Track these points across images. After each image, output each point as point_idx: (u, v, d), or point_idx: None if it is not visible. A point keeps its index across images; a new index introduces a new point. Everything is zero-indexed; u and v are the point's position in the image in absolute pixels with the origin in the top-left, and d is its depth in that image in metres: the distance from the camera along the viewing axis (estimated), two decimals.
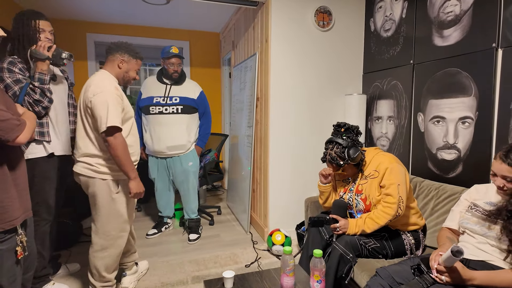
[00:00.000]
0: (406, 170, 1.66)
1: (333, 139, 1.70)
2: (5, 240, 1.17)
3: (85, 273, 2.12)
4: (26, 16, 1.68)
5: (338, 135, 1.72)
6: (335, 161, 1.67)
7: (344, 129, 1.73)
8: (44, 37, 1.72)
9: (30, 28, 1.67)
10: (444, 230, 1.50)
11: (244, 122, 3.05)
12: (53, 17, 3.67)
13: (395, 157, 1.71)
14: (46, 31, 1.74)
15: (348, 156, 1.64)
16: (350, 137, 1.69)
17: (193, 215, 2.82)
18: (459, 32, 1.87)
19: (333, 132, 1.77)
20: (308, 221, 1.69)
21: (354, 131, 1.72)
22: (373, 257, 1.61)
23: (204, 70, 4.36)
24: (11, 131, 1.15)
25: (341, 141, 1.66)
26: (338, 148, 1.67)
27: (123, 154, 1.59)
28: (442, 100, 1.99)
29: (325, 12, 2.58)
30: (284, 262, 1.31)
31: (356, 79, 2.77)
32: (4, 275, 1.16)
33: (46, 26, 1.74)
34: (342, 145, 1.66)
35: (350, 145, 1.66)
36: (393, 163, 1.62)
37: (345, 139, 1.67)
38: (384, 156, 1.69)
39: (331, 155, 1.68)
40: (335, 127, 1.76)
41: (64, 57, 1.74)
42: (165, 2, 3.22)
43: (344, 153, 1.65)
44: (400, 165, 1.64)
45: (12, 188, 1.21)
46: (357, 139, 1.71)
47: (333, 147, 1.68)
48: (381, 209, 1.57)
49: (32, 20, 1.69)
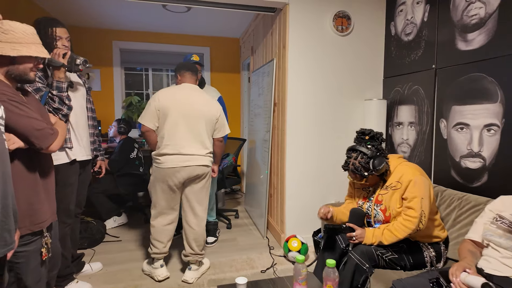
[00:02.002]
0: (430, 183, 1.59)
1: (357, 147, 1.62)
2: (32, 242, 1.24)
3: (107, 272, 2.21)
4: (43, 24, 1.69)
5: (362, 143, 1.63)
6: (359, 171, 1.59)
7: (368, 137, 1.64)
8: (61, 44, 1.72)
9: (47, 36, 1.68)
10: (466, 242, 1.44)
11: (261, 127, 3.07)
12: (81, 25, 3.87)
13: (419, 167, 1.63)
14: (63, 38, 1.74)
15: (373, 167, 1.56)
16: (374, 145, 1.61)
17: (210, 218, 2.86)
18: (484, 35, 1.80)
19: (356, 139, 1.69)
20: (324, 229, 1.67)
21: (379, 139, 1.64)
22: (390, 268, 1.56)
23: (224, 75, 4.43)
24: (45, 140, 1.23)
25: (365, 150, 1.58)
26: (362, 158, 1.58)
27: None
28: (466, 106, 1.91)
29: (343, 16, 2.55)
30: (297, 270, 1.31)
31: (376, 84, 2.71)
32: (29, 275, 1.23)
33: (62, 33, 1.74)
34: (367, 155, 1.57)
35: (375, 155, 1.57)
36: (417, 175, 1.55)
37: (370, 148, 1.59)
38: (407, 167, 1.61)
39: (354, 164, 1.60)
40: (359, 134, 1.68)
41: (78, 63, 1.73)
42: (186, 10, 3.31)
43: (368, 163, 1.57)
44: (424, 177, 1.56)
45: (42, 192, 1.29)
46: (382, 147, 1.62)
47: (356, 156, 1.60)
48: (401, 222, 1.52)
49: (49, 28, 1.69)
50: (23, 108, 1.18)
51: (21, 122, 1.16)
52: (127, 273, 2.22)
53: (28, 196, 1.22)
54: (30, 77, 1.23)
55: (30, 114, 1.20)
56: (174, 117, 1.99)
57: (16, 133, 1.17)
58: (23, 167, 1.21)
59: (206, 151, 2.08)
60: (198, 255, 2.14)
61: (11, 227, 0.92)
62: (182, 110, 2.00)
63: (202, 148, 2.06)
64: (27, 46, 1.17)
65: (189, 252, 2.13)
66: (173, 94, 2.02)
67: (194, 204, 2.10)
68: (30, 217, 1.23)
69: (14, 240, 0.95)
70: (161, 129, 2.01)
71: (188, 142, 2.01)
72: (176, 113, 1.99)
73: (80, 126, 1.87)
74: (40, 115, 1.28)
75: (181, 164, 1.99)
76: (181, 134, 2.00)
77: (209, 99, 2.11)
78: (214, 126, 2.13)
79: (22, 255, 1.21)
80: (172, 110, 1.98)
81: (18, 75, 1.20)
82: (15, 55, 1.14)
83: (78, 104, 1.86)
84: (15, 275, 1.20)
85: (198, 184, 2.09)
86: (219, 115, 2.14)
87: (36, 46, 1.20)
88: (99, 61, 4.00)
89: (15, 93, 1.19)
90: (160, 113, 2.00)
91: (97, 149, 2.10)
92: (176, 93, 2.03)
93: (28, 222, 1.22)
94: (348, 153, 1.66)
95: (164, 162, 1.99)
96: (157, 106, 2.00)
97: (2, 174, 0.89)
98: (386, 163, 1.61)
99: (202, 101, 2.06)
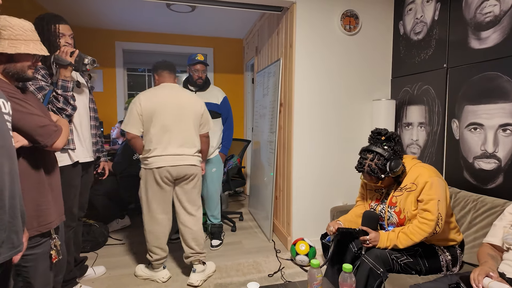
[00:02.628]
0: (446, 184, 1.54)
1: (373, 148, 1.55)
2: (41, 244, 1.20)
3: (111, 276, 2.15)
4: (46, 20, 1.64)
5: (378, 143, 1.57)
6: (375, 173, 1.53)
7: (385, 137, 1.59)
8: (64, 41, 1.68)
9: (50, 33, 1.63)
10: (485, 246, 1.39)
11: (266, 127, 3.02)
12: (84, 26, 3.83)
13: (435, 169, 1.57)
14: (66, 35, 1.69)
15: (390, 169, 1.50)
16: (391, 146, 1.55)
17: (215, 220, 2.81)
18: (499, 33, 1.75)
19: (371, 139, 1.63)
20: (336, 232, 1.61)
21: (395, 140, 1.58)
22: (405, 273, 1.51)
23: (227, 76, 4.40)
24: (49, 137, 1.19)
25: (382, 152, 1.52)
26: (379, 159, 1.52)
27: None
28: (480, 106, 1.86)
29: (351, 15, 2.52)
30: (312, 275, 1.26)
31: (385, 84, 2.67)
32: (38, 278, 1.18)
33: (66, 30, 1.69)
34: (384, 157, 1.52)
35: (392, 156, 1.52)
36: (433, 177, 1.49)
37: (386, 149, 1.54)
38: (423, 168, 1.55)
39: (370, 166, 1.54)
40: (374, 134, 1.62)
41: (86, 62, 1.68)
42: (190, 10, 3.27)
43: (385, 165, 1.51)
44: (440, 179, 1.51)
45: (48, 193, 1.24)
46: (398, 149, 1.57)
47: (373, 157, 1.54)
48: (417, 225, 1.47)
49: (52, 24, 1.64)
50: (25, 105, 1.13)
51: (24, 120, 1.12)
52: (131, 277, 2.17)
53: (35, 196, 1.18)
54: (28, 75, 1.19)
55: (33, 111, 1.15)
56: (161, 119, 1.96)
57: (19, 131, 1.12)
58: (28, 166, 1.17)
59: (194, 150, 2.07)
60: (200, 254, 2.10)
61: (18, 228, 0.87)
62: (169, 111, 1.97)
63: (191, 147, 2.05)
64: (26, 43, 1.12)
65: (190, 253, 2.09)
66: (155, 96, 1.98)
67: (186, 205, 2.08)
68: (38, 218, 1.18)
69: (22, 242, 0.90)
70: (147, 132, 1.99)
71: (177, 142, 2.00)
72: (163, 115, 1.96)
73: (84, 127, 1.82)
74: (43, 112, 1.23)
75: (171, 163, 1.98)
76: (170, 135, 1.98)
77: (192, 95, 2.09)
78: (200, 122, 2.12)
79: (30, 258, 1.16)
80: (158, 113, 1.95)
81: (15, 73, 1.15)
82: (13, 52, 1.09)
83: (82, 104, 1.82)
84: (23, 279, 1.16)
85: (189, 185, 2.07)
86: (204, 110, 2.14)
87: (34, 43, 1.15)
88: (102, 61, 3.96)
89: (15, 90, 1.15)
90: (143, 118, 1.97)
91: (100, 150, 2.04)
92: (158, 94, 1.99)
93: (36, 223, 1.17)
94: (363, 154, 1.59)
95: (153, 162, 1.97)
96: (139, 111, 1.96)
97: (10, 172, 0.85)
98: (402, 164, 1.56)
99: (187, 99, 2.05)
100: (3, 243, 0.82)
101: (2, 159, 0.82)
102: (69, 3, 3.10)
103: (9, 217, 0.83)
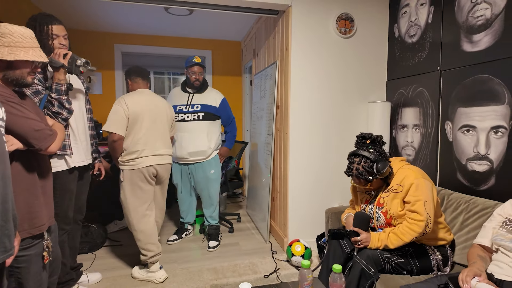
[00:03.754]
0: (433, 185, 1.57)
1: (359, 152, 1.60)
2: (33, 245, 1.22)
3: (108, 277, 2.17)
4: (38, 21, 1.58)
5: (364, 147, 1.62)
6: (363, 176, 1.57)
7: (369, 141, 1.63)
8: (58, 43, 1.63)
9: (42, 34, 1.57)
10: (475, 247, 1.41)
11: (264, 129, 3.04)
12: (83, 28, 3.87)
13: (421, 170, 1.61)
14: (60, 36, 1.64)
15: (377, 170, 1.54)
16: (376, 149, 1.59)
17: (213, 222, 2.83)
18: (490, 37, 1.78)
19: (357, 143, 1.67)
20: (328, 233, 1.64)
21: (380, 142, 1.63)
22: (396, 273, 1.53)
23: (225, 78, 4.42)
24: (44, 140, 1.22)
25: (368, 154, 1.56)
26: (366, 162, 1.57)
27: None
28: (472, 108, 1.89)
29: (347, 19, 2.54)
30: (302, 276, 1.28)
31: (380, 86, 2.69)
32: (31, 279, 1.20)
33: (59, 31, 1.64)
34: (370, 159, 1.56)
35: (378, 158, 1.56)
36: (419, 178, 1.52)
37: (372, 151, 1.58)
38: (409, 170, 1.58)
39: (358, 169, 1.58)
40: (360, 138, 1.66)
41: (79, 64, 1.62)
42: (188, 13, 3.30)
43: (372, 167, 1.56)
44: (426, 180, 1.54)
45: (41, 196, 1.27)
46: (383, 151, 1.61)
47: (360, 161, 1.58)
48: (407, 226, 1.49)
49: (44, 25, 1.58)
50: (21, 109, 1.16)
51: (19, 123, 1.14)
52: (128, 278, 2.19)
53: (27, 199, 1.20)
54: (28, 81, 1.21)
55: (28, 115, 1.18)
56: (147, 122, 2.11)
57: (14, 134, 1.15)
58: (22, 169, 1.19)
59: (170, 151, 2.29)
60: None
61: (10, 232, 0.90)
62: (152, 115, 2.14)
63: (169, 148, 2.28)
64: (25, 50, 1.15)
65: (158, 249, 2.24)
66: (139, 100, 2.12)
67: (161, 200, 2.34)
68: (30, 220, 1.21)
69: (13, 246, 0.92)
70: (134, 134, 2.08)
71: (160, 143, 2.19)
72: (148, 118, 2.12)
73: (80, 130, 1.82)
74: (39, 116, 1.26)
75: (158, 162, 2.16)
76: (155, 137, 2.16)
77: (164, 101, 2.29)
78: (171, 125, 2.33)
79: (23, 260, 1.18)
80: (143, 116, 2.10)
81: (15, 79, 1.18)
82: (12, 59, 1.12)
83: (78, 107, 1.81)
84: (16, 280, 1.18)
85: (165, 181, 2.32)
86: (173, 114, 2.36)
87: (33, 50, 1.18)
88: (101, 64, 3.99)
89: (12, 94, 1.18)
90: (129, 121, 2.07)
91: (95, 151, 2.03)
92: (141, 99, 2.14)
93: (27, 226, 1.19)
94: (350, 159, 1.64)
95: (142, 162, 2.10)
96: (127, 113, 2.06)
97: (2, 177, 0.87)
98: (389, 166, 1.59)
99: (162, 104, 2.23)
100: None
101: None
102: (68, 6, 3.13)
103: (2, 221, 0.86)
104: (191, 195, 2.87)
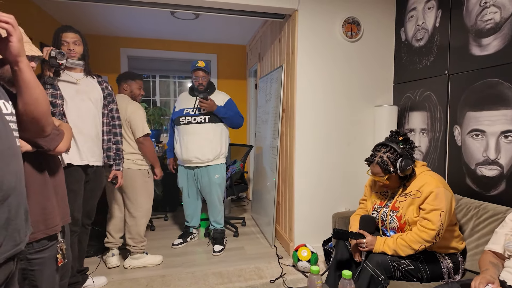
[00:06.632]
0: (453, 195, 1.53)
1: (389, 143, 1.59)
2: (48, 247, 1.21)
3: (113, 281, 2.17)
4: (56, 32, 1.79)
5: (395, 141, 1.60)
6: (385, 165, 1.54)
7: (402, 138, 1.62)
8: (66, 48, 1.77)
9: (55, 42, 1.77)
10: (487, 254, 1.38)
11: (269, 133, 3.04)
12: (89, 33, 3.90)
13: (442, 179, 1.57)
14: (70, 43, 1.79)
15: (400, 166, 1.52)
16: (406, 148, 1.58)
17: (218, 226, 2.82)
18: (500, 40, 1.76)
19: (389, 137, 1.66)
20: (332, 232, 1.63)
21: (412, 144, 1.62)
22: (406, 280, 1.51)
23: (230, 81, 4.43)
24: (52, 141, 1.21)
25: (396, 147, 1.55)
26: (392, 153, 1.55)
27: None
28: (482, 112, 1.86)
29: (353, 22, 2.54)
30: (311, 282, 1.26)
31: (386, 90, 2.68)
32: (44, 282, 1.19)
33: (67, 37, 1.79)
34: (397, 152, 1.54)
35: (405, 155, 1.54)
36: (440, 187, 1.48)
37: (402, 147, 1.57)
38: (430, 177, 1.55)
39: (382, 158, 1.55)
40: (393, 133, 1.66)
41: (53, 55, 1.58)
42: (194, 17, 3.32)
43: (397, 160, 1.53)
44: (447, 190, 1.50)
45: (53, 196, 1.26)
46: (412, 153, 1.59)
47: (386, 150, 1.56)
48: (416, 233, 1.47)
49: (58, 34, 1.79)
50: None
51: None
52: (134, 281, 2.18)
53: (40, 200, 1.20)
54: None
55: None
56: None
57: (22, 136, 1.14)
58: (33, 170, 1.19)
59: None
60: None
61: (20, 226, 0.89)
62: None
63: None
64: None
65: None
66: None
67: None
68: (45, 221, 1.20)
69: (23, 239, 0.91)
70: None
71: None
72: None
73: (83, 130, 1.80)
74: None
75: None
76: None
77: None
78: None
79: (37, 262, 1.17)
80: None
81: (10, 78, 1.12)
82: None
83: (85, 108, 1.81)
84: (29, 283, 1.17)
85: None
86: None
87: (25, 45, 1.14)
88: (107, 68, 4.02)
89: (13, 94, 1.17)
90: None
91: (111, 157, 2.01)
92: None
93: (43, 226, 1.19)
94: (376, 148, 1.62)
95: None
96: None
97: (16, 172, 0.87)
98: (412, 168, 1.57)
99: None
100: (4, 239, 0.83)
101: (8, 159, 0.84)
102: (75, 11, 3.16)
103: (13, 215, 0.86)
104: (198, 199, 2.86)
